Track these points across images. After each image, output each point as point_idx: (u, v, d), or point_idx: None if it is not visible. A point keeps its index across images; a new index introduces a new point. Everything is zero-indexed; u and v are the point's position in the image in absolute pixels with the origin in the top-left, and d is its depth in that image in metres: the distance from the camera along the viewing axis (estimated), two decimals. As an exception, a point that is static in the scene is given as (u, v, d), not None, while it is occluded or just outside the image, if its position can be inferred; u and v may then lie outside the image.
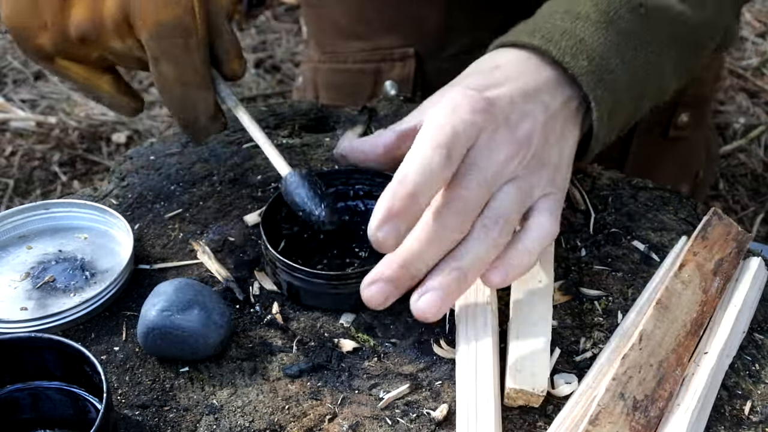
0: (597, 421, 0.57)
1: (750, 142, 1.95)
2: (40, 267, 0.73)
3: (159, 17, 0.67)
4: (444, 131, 0.62)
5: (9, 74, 2.21)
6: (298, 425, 0.61)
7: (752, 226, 1.75)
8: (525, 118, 0.68)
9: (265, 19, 2.46)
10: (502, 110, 0.67)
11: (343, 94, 1.22)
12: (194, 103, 0.72)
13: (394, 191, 0.60)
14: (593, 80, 0.71)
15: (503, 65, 0.72)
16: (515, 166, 0.66)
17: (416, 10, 1.15)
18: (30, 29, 0.70)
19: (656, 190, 0.83)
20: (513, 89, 0.69)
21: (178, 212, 0.80)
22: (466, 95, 0.65)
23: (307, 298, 0.70)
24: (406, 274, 0.61)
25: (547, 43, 0.71)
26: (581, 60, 0.71)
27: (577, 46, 0.71)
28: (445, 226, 0.62)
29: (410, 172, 0.61)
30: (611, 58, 0.72)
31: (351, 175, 0.76)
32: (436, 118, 0.64)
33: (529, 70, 0.71)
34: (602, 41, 0.72)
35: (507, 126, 0.66)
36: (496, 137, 0.65)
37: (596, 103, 0.71)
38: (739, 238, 0.72)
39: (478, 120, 0.64)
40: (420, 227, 0.62)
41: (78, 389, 0.61)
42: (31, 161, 1.93)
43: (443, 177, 0.62)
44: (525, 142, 0.67)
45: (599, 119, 0.72)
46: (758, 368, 0.66)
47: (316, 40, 1.27)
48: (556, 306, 0.70)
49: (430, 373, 0.65)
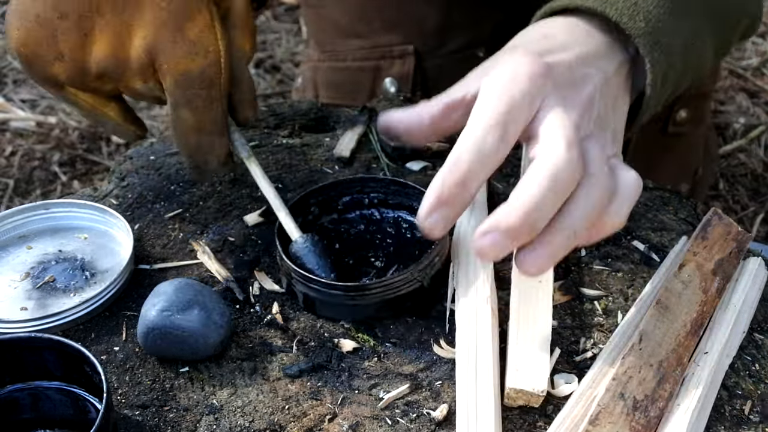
0: (597, 421, 0.57)
1: (750, 142, 1.95)
2: (40, 267, 0.73)
3: (186, 66, 0.66)
4: (499, 107, 0.60)
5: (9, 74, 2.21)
6: (298, 425, 0.61)
7: (752, 226, 1.75)
8: (586, 80, 0.66)
9: (265, 19, 2.46)
10: (563, 74, 0.65)
11: (342, 93, 1.22)
12: (208, 150, 0.72)
13: (444, 178, 0.59)
14: (650, 42, 0.69)
15: (553, 34, 0.70)
16: (587, 125, 0.65)
17: (416, 9, 1.15)
18: (43, 58, 0.68)
19: (656, 190, 0.82)
20: (570, 54, 0.67)
21: (178, 212, 0.79)
22: (526, 60, 0.63)
23: (323, 310, 0.69)
24: (525, 225, 0.57)
25: (603, 4, 0.69)
26: (638, 21, 0.69)
27: (633, 7, 0.69)
28: (558, 178, 0.58)
29: (462, 156, 0.58)
30: (666, 21, 0.70)
31: (366, 183, 0.76)
32: (493, 88, 0.61)
33: (581, 36, 0.69)
34: (656, 4, 0.70)
35: (572, 87, 0.65)
36: (565, 97, 0.64)
37: (651, 66, 0.69)
38: (739, 238, 0.72)
39: (539, 85, 0.62)
40: (533, 179, 0.58)
41: (78, 389, 0.61)
42: (31, 161, 1.93)
43: (497, 159, 0.60)
44: (588, 104, 0.65)
45: (653, 83, 0.70)
46: (758, 368, 0.66)
47: (316, 39, 1.27)
48: (556, 306, 0.70)
49: (430, 373, 0.65)
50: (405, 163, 0.85)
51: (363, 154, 0.87)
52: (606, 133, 0.67)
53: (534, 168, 0.59)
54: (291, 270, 0.68)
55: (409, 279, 0.67)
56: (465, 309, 0.67)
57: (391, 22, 1.17)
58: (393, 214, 0.76)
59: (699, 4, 0.75)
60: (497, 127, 0.60)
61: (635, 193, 0.64)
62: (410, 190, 0.74)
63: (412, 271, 0.67)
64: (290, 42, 2.38)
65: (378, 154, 0.87)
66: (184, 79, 0.67)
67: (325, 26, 1.24)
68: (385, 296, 0.67)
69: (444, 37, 1.15)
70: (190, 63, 0.66)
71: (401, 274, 0.67)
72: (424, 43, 1.16)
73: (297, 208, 0.73)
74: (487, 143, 0.59)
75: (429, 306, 0.70)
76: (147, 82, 0.68)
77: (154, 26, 0.66)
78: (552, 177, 0.58)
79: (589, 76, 0.67)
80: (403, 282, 0.67)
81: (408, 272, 0.67)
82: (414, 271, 0.67)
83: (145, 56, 0.66)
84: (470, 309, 0.66)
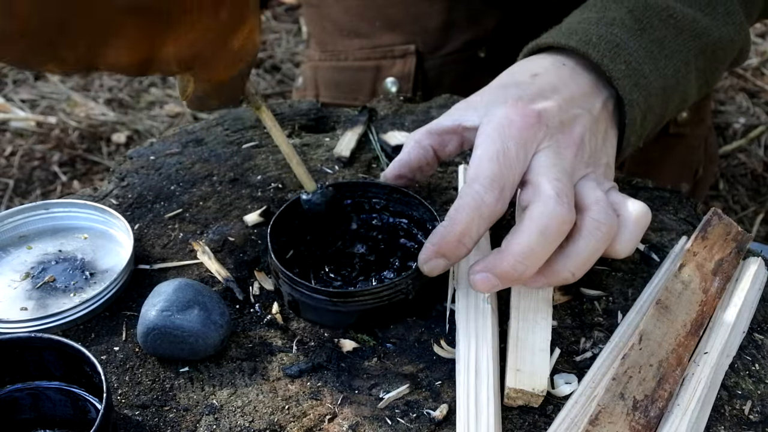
0: (597, 421, 0.57)
1: (750, 142, 1.96)
2: (40, 267, 0.73)
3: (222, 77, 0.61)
4: (495, 167, 0.64)
5: (9, 74, 2.21)
6: (298, 425, 0.61)
7: (752, 226, 1.75)
8: (575, 121, 0.70)
9: (265, 19, 2.46)
10: (553, 118, 0.68)
11: (343, 92, 1.22)
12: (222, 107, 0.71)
13: (441, 234, 0.64)
14: (629, 84, 0.72)
15: (541, 73, 0.72)
16: (581, 165, 0.68)
17: (417, 8, 1.15)
18: None
19: (656, 190, 0.83)
20: (558, 98, 0.70)
21: (178, 212, 0.79)
22: (517, 109, 0.67)
23: (306, 312, 0.69)
24: (514, 272, 0.63)
25: (585, 46, 0.72)
26: (619, 63, 0.72)
27: (614, 50, 0.72)
28: (547, 230, 0.63)
29: (459, 216, 0.63)
30: (645, 64, 0.73)
31: (368, 189, 0.76)
32: (488, 146, 0.65)
33: (567, 76, 0.72)
34: (636, 47, 0.73)
35: (563, 130, 0.68)
36: (558, 140, 0.67)
37: (630, 107, 0.72)
38: (739, 238, 0.72)
39: (531, 134, 0.66)
40: (523, 229, 0.63)
41: (78, 389, 0.61)
42: (31, 161, 1.93)
43: (494, 216, 0.64)
44: (580, 144, 0.69)
45: (631, 123, 0.73)
46: (758, 368, 0.66)
47: (317, 38, 1.28)
48: (556, 306, 0.70)
49: (430, 373, 0.65)
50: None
51: (363, 154, 0.87)
52: (600, 168, 0.71)
53: (525, 218, 0.63)
54: (279, 270, 0.68)
55: (394, 290, 0.67)
56: (465, 309, 0.67)
57: (392, 22, 1.17)
58: (393, 221, 0.76)
59: (684, 44, 0.77)
60: (494, 187, 0.64)
61: (642, 225, 0.68)
62: (411, 199, 0.74)
63: (398, 282, 0.67)
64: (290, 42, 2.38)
65: (378, 154, 0.87)
66: (217, 85, 0.62)
67: (326, 26, 1.25)
68: (368, 305, 0.67)
69: (445, 37, 1.15)
70: (229, 72, 0.61)
71: (386, 285, 0.67)
72: (425, 43, 1.16)
73: (297, 204, 0.73)
74: (485, 203, 0.64)
75: (429, 306, 0.70)
76: None
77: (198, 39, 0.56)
78: (541, 228, 0.62)
79: (578, 116, 0.70)
80: (388, 292, 0.67)
81: (393, 283, 0.67)
82: (400, 282, 0.67)
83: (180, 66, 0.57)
84: (470, 309, 0.66)
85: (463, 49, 1.16)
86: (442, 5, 1.14)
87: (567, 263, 0.64)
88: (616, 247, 0.67)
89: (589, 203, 0.66)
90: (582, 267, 0.65)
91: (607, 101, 0.73)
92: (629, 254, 0.68)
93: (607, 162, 0.72)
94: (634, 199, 0.68)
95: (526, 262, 0.62)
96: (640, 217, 0.67)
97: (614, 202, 0.68)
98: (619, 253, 0.67)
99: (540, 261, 0.63)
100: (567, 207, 0.63)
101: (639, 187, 0.83)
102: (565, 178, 0.65)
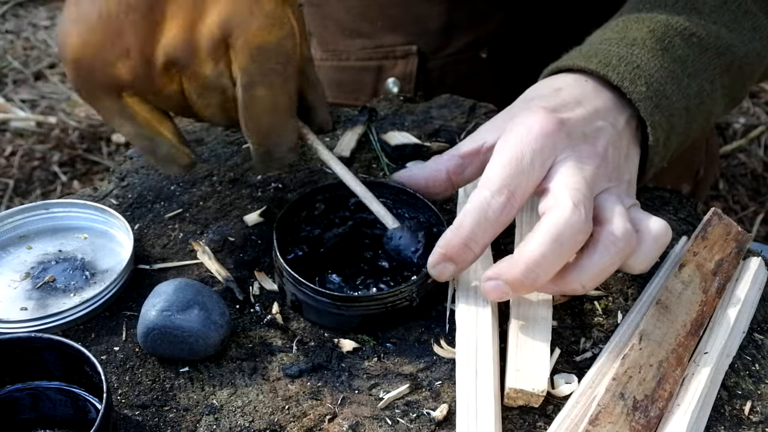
0: (597, 421, 0.57)
1: (750, 142, 1.95)
2: (40, 267, 0.73)
3: (263, 39, 0.63)
4: (507, 171, 0.64)
5: (9, 74, 2.21)
6: (298, 425, 0.61)
7: (752, 226, 1.75)
8: (599, 133, 0.69)
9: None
10: (576, 127, 0.67)
11: (345, 92, 1.22)
12: (281, 132, 0.70)
13: (449, 238, 0.64)
14: (650, 105, 0.71)
15: (564, 88, 0.72)
16: (602, 178, 0.67)
17: (419, 9, 1.15)
18: (106, 60, 0.64)
19: (656, 190, 0.83)
20: (582, 109, 0.69)
21: (178, 212, 0.79)
22: (539, 117, 0.66)
23: (308, 313, 0.69)
24: (525, 280, 0.62)
25: (605, 68, 0.71)
26: (639, 85, 0.71)
27: (635, 71, 0.71)
28: (561, 239, 0.62)
29: (465, 220, 0.63)
30: (667, 84, 0.72)
31: (374, 188, 0.75)
32: (504, 151, 0.65)
33: (590, 92, 0.72)
34: (658, 68, 0.72)
35: (586, 141, 0.67)
36: (580, 151, 0.66)
37: (653, 129, 0.71)
38: (739, 238, 0.72)
39: (552, 142, 0.65)
40: (537, 237, 0.62)
41: (78, 389, 0.61)
42: (31, 161, 1.93)
43: (501, 222, 0.64)
44: (603, 156, 0.67)
45: (654, 144, 0.72)
46: (758, 368, 0.66)
47: (318, 38, 1.28)
48: (556, 306, 0.70)
49: (430, 373, 0.65)
50: (405, 163, 0.85)
51: (363, 154, 0.87)
52: (622, 184, 0.69)
53: (540, 226, 0.63)
54: (283, 269, 0.68)
55: (399, 296, 0.67)
56: (465, 309, 0.67)
57: (394, 22, 1.17)
58: None
59: (709, 62, 0.76)
60: (503, 192, 0.63)
61: (662, 243, 0.67)
62: (418, 201, 0.73)
63: (403, 289, 0.67)
64: (290, 42, 2.37)
65: (378, 154, 0.87)
66: (261, 53, 0.64)
67: (328, 25, 1.24)
68: (372, 310, 0.67)
69: (447, 37, 1.15)
70: (267, 35, 0.63)
71: (392, 291, 0.67)
72: (427, 44, 1.16)
73: (303, 202, 0.73)
74: (492, 207, 0.63)
75: (429, 307, 0.70)
76: (218, 64, 0.64)
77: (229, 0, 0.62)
78: (555, 238, 0.62)
79: (602, 129, 0.69)
80: (393, 299, 0.67)
81: (399, 290, 0.67)
82: (405, 289, 0.67)
83: (219, 32, 0.63)
84: (470, 309, 0.66)
85: (465, 49, 1.16)
86: (444, 6, 1.14)
87: (579, 275, 0.63)
88: (632, 264, 0.66)
89: (608, 217, 0.64)
90: (594, 280, 0.64)
91: (629, 120, 0.72)
92: (645, 271, 0.67)
93: (630, 179, 0.71)
94: (656, 217, 0.67)
95: (538, 270, 0.61)
96: (659, 234, 0.66)
97: (635, 218, 0.67)
98: (634, 270, 0.66)
99: (553, 270, 0.62)
100: (584, 217, 0.62)
101: (639, 188, 0.82)
102: (585, 188, 0.64)
